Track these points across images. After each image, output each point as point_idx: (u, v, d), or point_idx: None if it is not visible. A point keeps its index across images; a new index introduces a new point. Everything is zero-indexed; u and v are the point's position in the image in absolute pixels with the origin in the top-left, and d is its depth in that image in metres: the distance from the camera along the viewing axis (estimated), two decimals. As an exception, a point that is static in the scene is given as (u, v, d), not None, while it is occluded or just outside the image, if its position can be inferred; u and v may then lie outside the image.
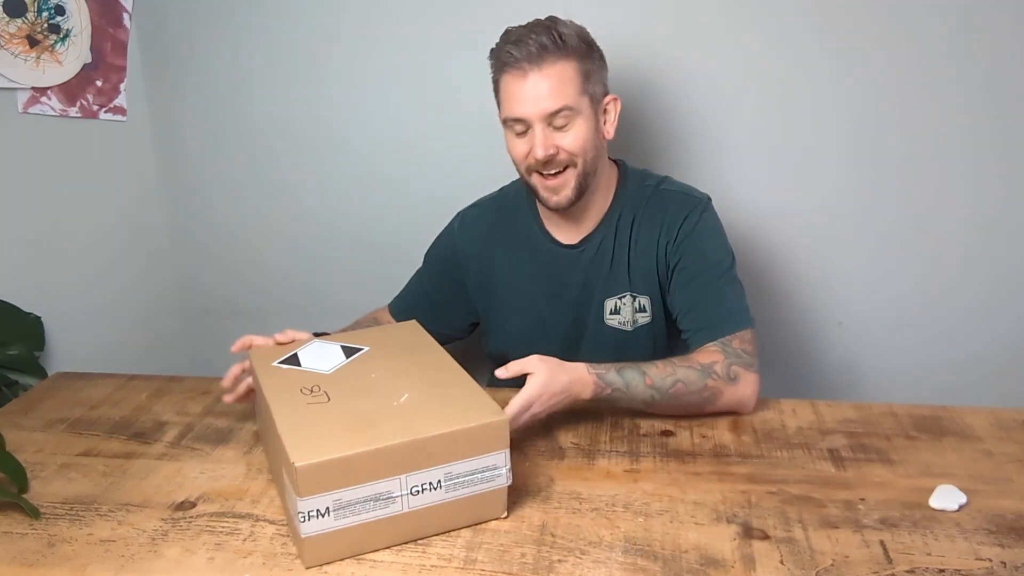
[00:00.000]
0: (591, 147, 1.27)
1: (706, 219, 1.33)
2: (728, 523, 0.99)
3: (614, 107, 1.31)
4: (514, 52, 1.22)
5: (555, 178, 1.27)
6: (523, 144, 1.27)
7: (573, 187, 1.28)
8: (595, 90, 1.27)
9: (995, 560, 0.91)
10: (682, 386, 1.19)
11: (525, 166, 1.28)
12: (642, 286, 1.35)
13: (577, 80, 1.23)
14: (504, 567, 0.93)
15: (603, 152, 1.32)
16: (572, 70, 1.23)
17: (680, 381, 1.18)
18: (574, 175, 1.27)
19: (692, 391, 1.19)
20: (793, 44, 1.58)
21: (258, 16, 1.78)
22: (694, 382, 1.19)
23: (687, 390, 1.19)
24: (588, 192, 1.31)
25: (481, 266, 1.45)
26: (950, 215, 1.62)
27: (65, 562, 0.96)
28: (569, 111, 1.23)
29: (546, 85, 1.21)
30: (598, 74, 1.28)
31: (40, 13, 1.65)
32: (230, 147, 1.90)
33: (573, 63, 1.23)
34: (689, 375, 1.19)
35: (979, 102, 1.55)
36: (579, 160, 1.26)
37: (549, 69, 1.21)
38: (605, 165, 1.35)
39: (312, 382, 1.07)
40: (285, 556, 0.96)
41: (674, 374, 1.19)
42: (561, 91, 1.22)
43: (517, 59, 1.22)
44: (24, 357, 1.63)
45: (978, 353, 1.68)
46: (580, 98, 1.24)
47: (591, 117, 1.26)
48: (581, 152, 1.25)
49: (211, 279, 2.02)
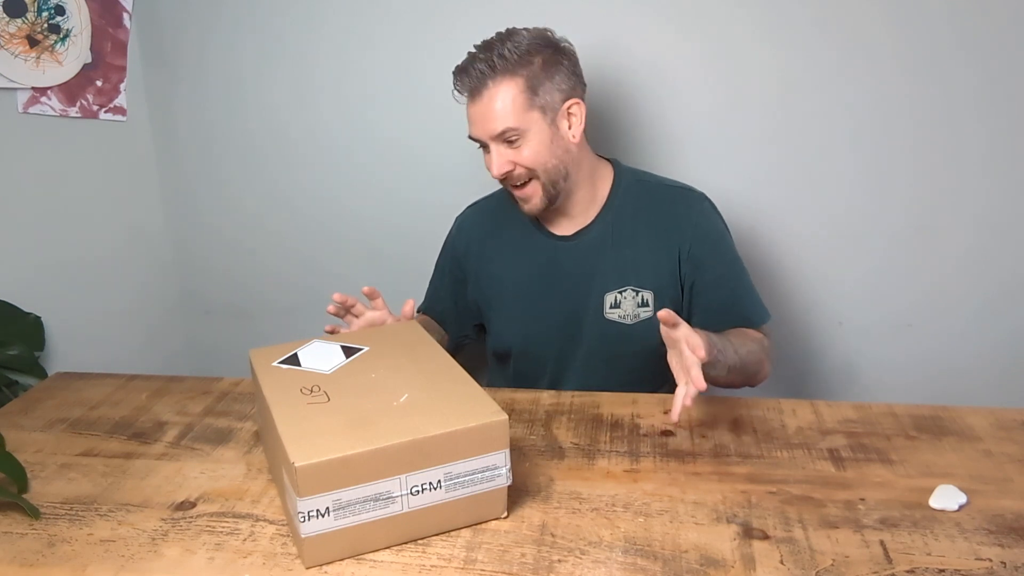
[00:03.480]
0: (549, 156, 1.30)
1: (715, 216, 1.39)
2: (728, 523, 0.99)
3: (578, 110, 1.33)
4: (457, 83, 1.30)
5: (520, 189, 1.33)
6: (488, 159, 1.33)
7: (541, 196, 1.33)
8: (547, 100, 1.29)
9: (995, 560, 0.91)
10: (749, 353, 1.29)
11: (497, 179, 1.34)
12: (647, 280, 1.36)
13: (520, 98, 1.27)
14: (504, 567, 0.93)
15: (572, 156, 1.34)
16: (515, 90, 1.27)
17: (751, 351, 1.30)
18: (539, 185, 1.32)
19: (756, 360, 1.31)
20: (792, 42, 1.58)
21: (258, 16, 1.78)
22: (756, 352, 1.31)
23: (754, 359, 1.30)
24: (564, 195, 1.35)
25: (480, 264, 1.48)
26: (950, 215, 1.62)
27: (65, 562, 0.96)
28: (514, 131, 1.28)
29: (489, 110, 1.28)
30: (551, 82, 1.29)
31: (40, 13, 1.65)
32: (230, 147, 1.90)
33: (517, 82, 1.27)
34: (753, 347, 1.31)
35: (982, 102, 1.55)
36: (539, 171, 1.31)
37: (489, 93, 1.27)
38: (585, 165, 1.37)
39: (312, 382, 1.07)
40: (285, 556, 0.96)
41: (746, 344, 1.30)
42: (503, 113, 1.27)
43: (465, 87, 1.30)
44: (24, 357, 1.63)
45: (979, 353, 1.68)
46: (526, 115, 1.28)
47: (543, 129, 1.29)
48: (538, 164, 1.30)
49: (211, 279, 2.02)
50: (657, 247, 1.36)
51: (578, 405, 1.29)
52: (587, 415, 1.26)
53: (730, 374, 1.28)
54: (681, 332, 1.10)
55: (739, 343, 1.29)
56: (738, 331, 1.35)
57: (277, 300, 2.00)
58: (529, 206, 1.35)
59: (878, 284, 1.70)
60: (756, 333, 1.36)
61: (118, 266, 1.89)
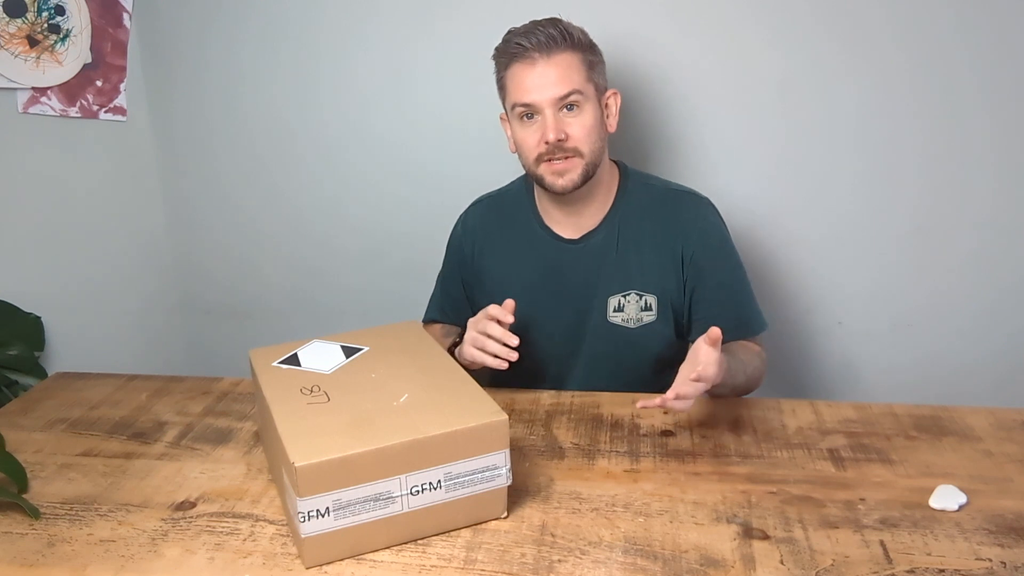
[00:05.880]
0: (596, 137, 1.30)
1: (719, 221, 1.39)
2: (728, 523, 0.99)
3: (615, 101, 1.35)
4: (523, 42, 1.27)
5: (562, 162, 1.30)
6: (532, 132, 1.30)
7: (579, 173, 1.31)
8: (599, 81, 1.32)
9: (995, 560, 0.91)
10: (754, 370, 1.33)
11: (535, 155, 1.30)
12: (651, 285, 1.36)
13: (583, 69, 1.29)
14: (504, 567, 0.93)
15: (606, 146, 1.35)
16: (578, 60, 1.28)
17: (756, 368, 1.33)
18: (580, 163, 1.30)
19: (758, 376, 1.35)
20: (796, 44, 1.58)
21: (258, 16, 1.78)
22: (759, 368, 1.35)
23: (756, 376, 1.34)
24: (592, 183, 1.34)
25: (483, 262, 1.47)
26: (952, 217, 1.62)
27: (65, 562, 0.96)
28: (578, 95, 1.28)
29: (555, 72, 1.27)
30: (600, 68, 1.33)
31: (40, 13, 1.65)
32: (230, 146, 1.90)
33: (579, 55, 1.29)
34: (757, 363, 1.34)
35: (986, 104, 1.55)
36: (585, 150, 1.29)
37: (557, 58, 1.27)
38: (607, 162, 1.37)
39: (312, 382, 1.07)
40: (285, 556, 0.96)
41: (753, 359, 1.33)
42: (569, 77, 1.27)
43: (527, 48, 1.27)
44: (24, 357, 1.63)
45: (979, 355, 1.68)
46: (587, 84, 1.29)
47: (596, 107, 1.31)
48: (587, 140, 1.29)
49: (211, 279, 2.02)
50: (661, 251, 1.36)
51: (578, 405, 1.29)
52: (587, 415, 1.26)
53: (732, 391, 1.30)
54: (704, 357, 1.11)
55: (747, 361, 1.31)
56: (744, 347, 1.35)
57: (279, 300, 2.00)
58: (564, 180, 1.30)
59: (879, 285, 1.70)
60: (755, 346, 1.38)
61: (118, 266, 1.89)
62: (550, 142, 1.27)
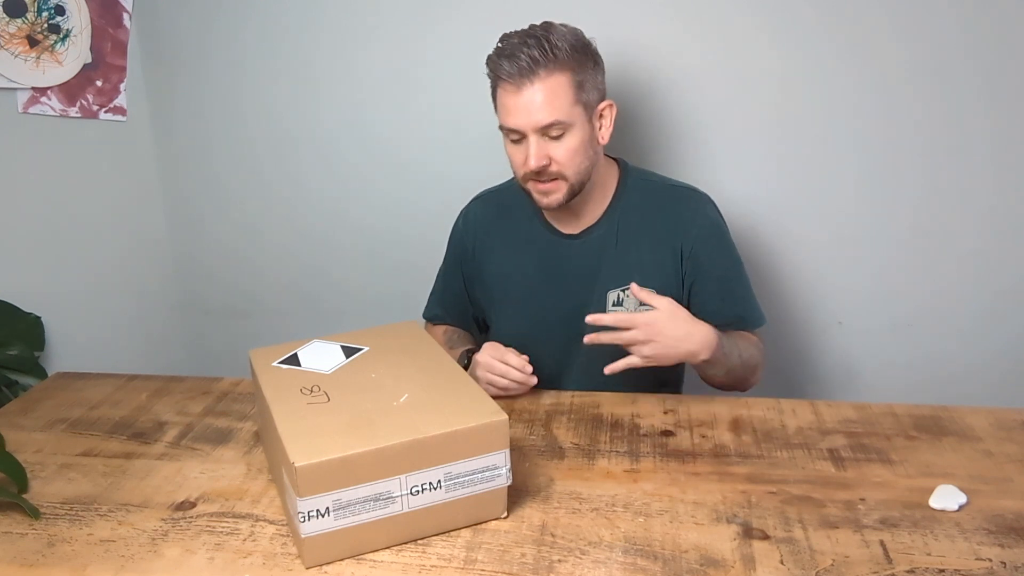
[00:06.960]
0: (583, 157, 1.29)
1: (718, 217, 1.40)
2: (728, 523, 0.99)
3: (610, 112, 1.33)
4: (506, 66, 1.24)
5: (546, 184, 1.31)
6: (519, 152, 1.30)
7: (564, 193, 1.31)
8: (589, 98, 1.28)
9: (995, 560, 0.91)
10: (751, 357, 1.33)
11: (522, 173, 1.32)
12: (650, 280, 1.36)
13: (570, 92, 1.25)
14: (504, 567, 0.93)
15: (597, 157, 1.35)
16: (565, 82, 1.24)
17: (752, 355, 1.33)
18: (565, 185, 1.30)
19: (755, 364, 1.35)
20: (796, 44, 1.58)
21: (258, 16, 1.78)
22: (756, 356, 1.35)
23: (752, 363, 1.34)
24: (581, 194, 1.34)
25: (483, 257, 1.48)
26: (953, 217, 1.62)
27: (65, 562, 0.96)
28: (561, 125, 1.25)
29: (539, 98, 1.24)
30: (592, 80, 1.29)
31: (40, 13, 1.65)
32: (230, 146, 1.90)
33: (566, 75, 1.24)
34: (754, 352, 1.35)
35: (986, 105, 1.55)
36: (569, 172, 1.29)
37: (541, 83, 1.23)
38: (601, 165, 1.37)
39: (312, 382, 1.07)
40: (285, 556, 0.96)
41: (750, 347, 1.34)
42: (553, 105, 1.24)
43: (510, 73, 1.24)
44: (24, 357, 1.63)
45: (980, 355, 1.68)
46: (573, 109, 1.26)
47: (584, 127, 1.28)
48: (571, 163, 1.28)
49: (212, 279, 2.02)
50: (660, 247, 1.37)
51: (578, 405, 1.29)
52: (587, 415, 1.26)
53: (727, 375, 1.30)
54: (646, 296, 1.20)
55: (743, 346, 1.32)
56: (740, 334, 1.36)
57: (279, 300, 2.00)
58: (549, 200, 1.32)
59: (879, 284, 1.70)
60: (753, 337, 1.38)
61: (118, 266, 1.89)
62: (532, 169, 1.27)
